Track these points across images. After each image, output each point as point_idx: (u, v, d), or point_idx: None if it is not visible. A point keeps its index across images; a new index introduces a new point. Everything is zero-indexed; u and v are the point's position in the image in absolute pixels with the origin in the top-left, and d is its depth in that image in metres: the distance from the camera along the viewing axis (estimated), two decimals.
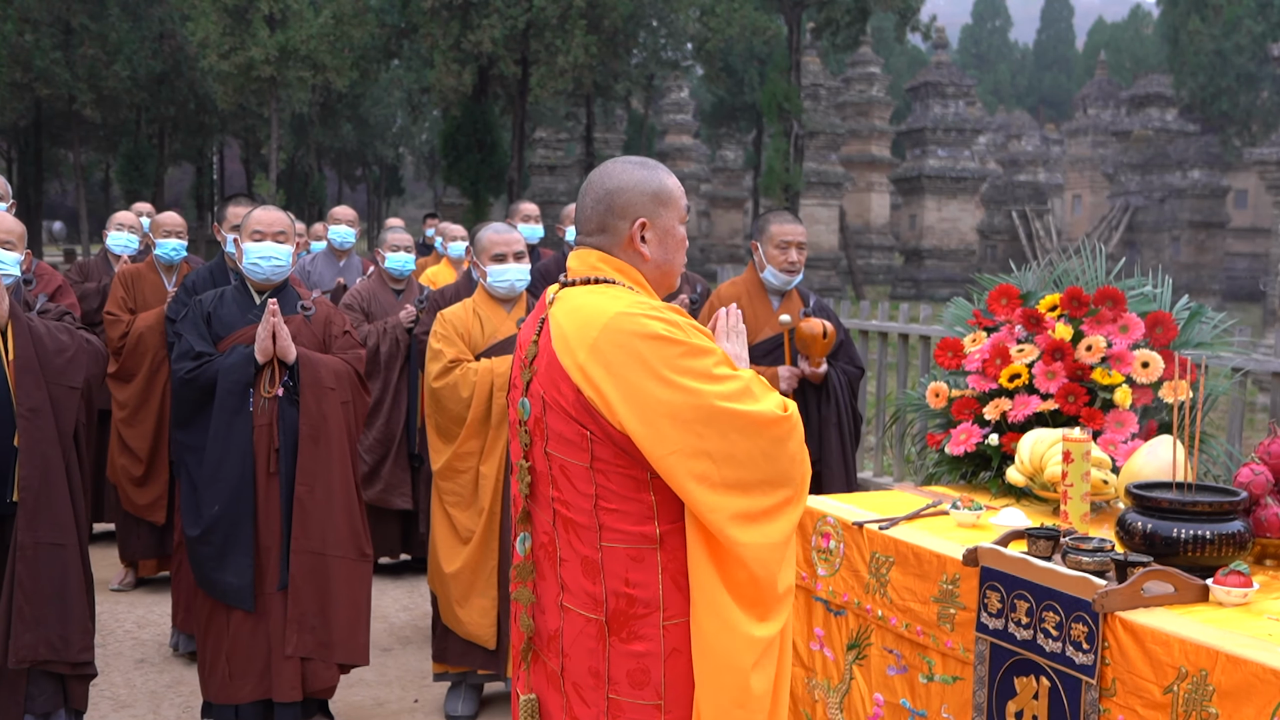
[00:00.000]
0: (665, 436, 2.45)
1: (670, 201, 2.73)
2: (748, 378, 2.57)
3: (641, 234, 2.68)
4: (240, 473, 4.44)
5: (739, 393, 2.52)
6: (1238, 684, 2.62)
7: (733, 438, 2.49)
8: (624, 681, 2.55)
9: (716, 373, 2.52)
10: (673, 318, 2.55)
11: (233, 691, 4.49)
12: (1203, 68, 29.00)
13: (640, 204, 2.69)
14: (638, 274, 2.70)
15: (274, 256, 4.58)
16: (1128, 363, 4.23)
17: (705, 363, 2.51)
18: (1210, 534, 3.15)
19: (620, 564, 2.54)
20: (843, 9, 28.25)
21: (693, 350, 2.50)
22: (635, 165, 2.75)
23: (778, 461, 2.55)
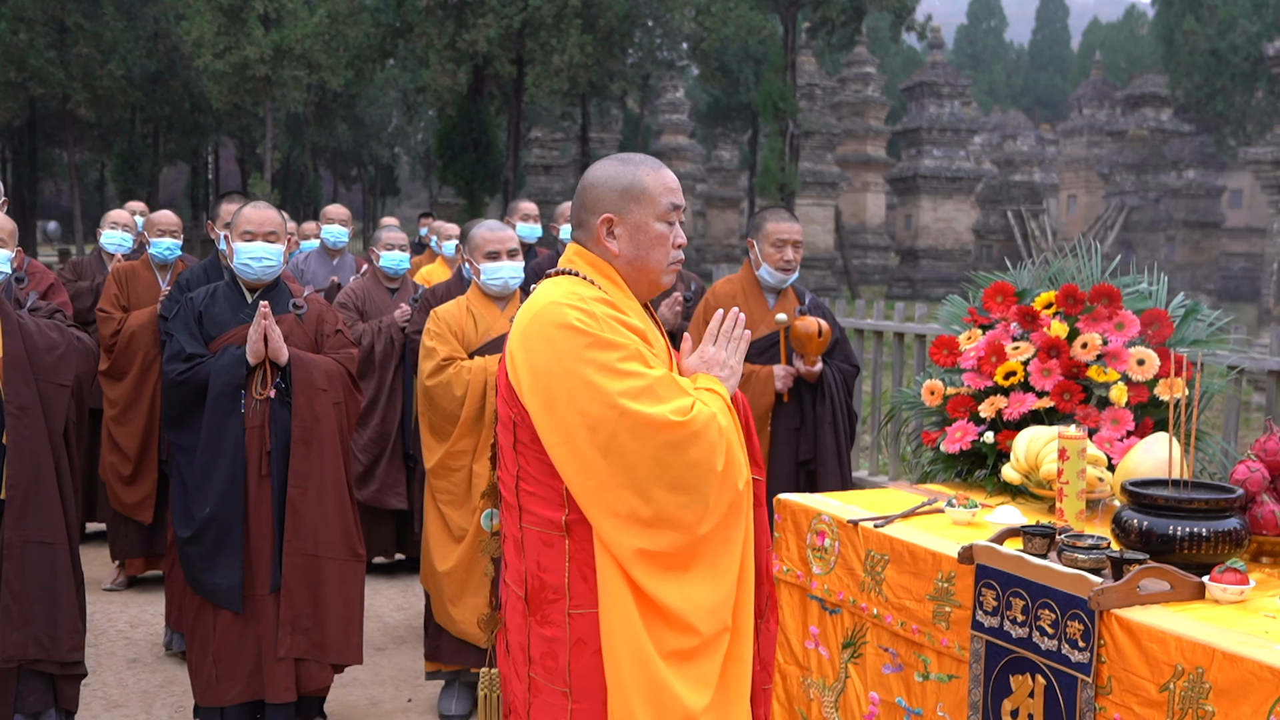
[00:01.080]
0: (560, 425, 2.51)
1: (643, 197, 2.70)
2: (654, 377, 2.53)
3: (609, 229, 2.70)
4: (231, 474, 4.42)
5: (639, 391, 2.50)
6: (1234, 682, 2.61)
7: (622, 437, 2.49)
8: (540, 662, 2.63)
9: (620, 368, 2.51)
10: (593, 309, 2.57)
11: (219, 693, 4.46)
12: (1198, 68, 29.03)
13: (608, 200, 2.71)
14: (610, 269, 2.72)
15: (265, 257, 4.55)
16: (1123, 360, 4.22)
17: (609, 356, 2.52)
18: (1206, 531, 3.14)
19: (535, 546, 2.62)
20: (838, 8, 28.25)
21: (600, 343, 2.52)
22: (614, 161, 2.76)
23: (672, 468, 2.50)
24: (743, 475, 2.63)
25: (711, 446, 2.54)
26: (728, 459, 2.58)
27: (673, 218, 2.74)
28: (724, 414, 2.63)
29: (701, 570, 2.58)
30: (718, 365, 2.72)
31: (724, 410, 2.64)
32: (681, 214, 2.78)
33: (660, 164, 2.78)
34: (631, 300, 2.74)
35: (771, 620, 2.95)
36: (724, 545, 2.62)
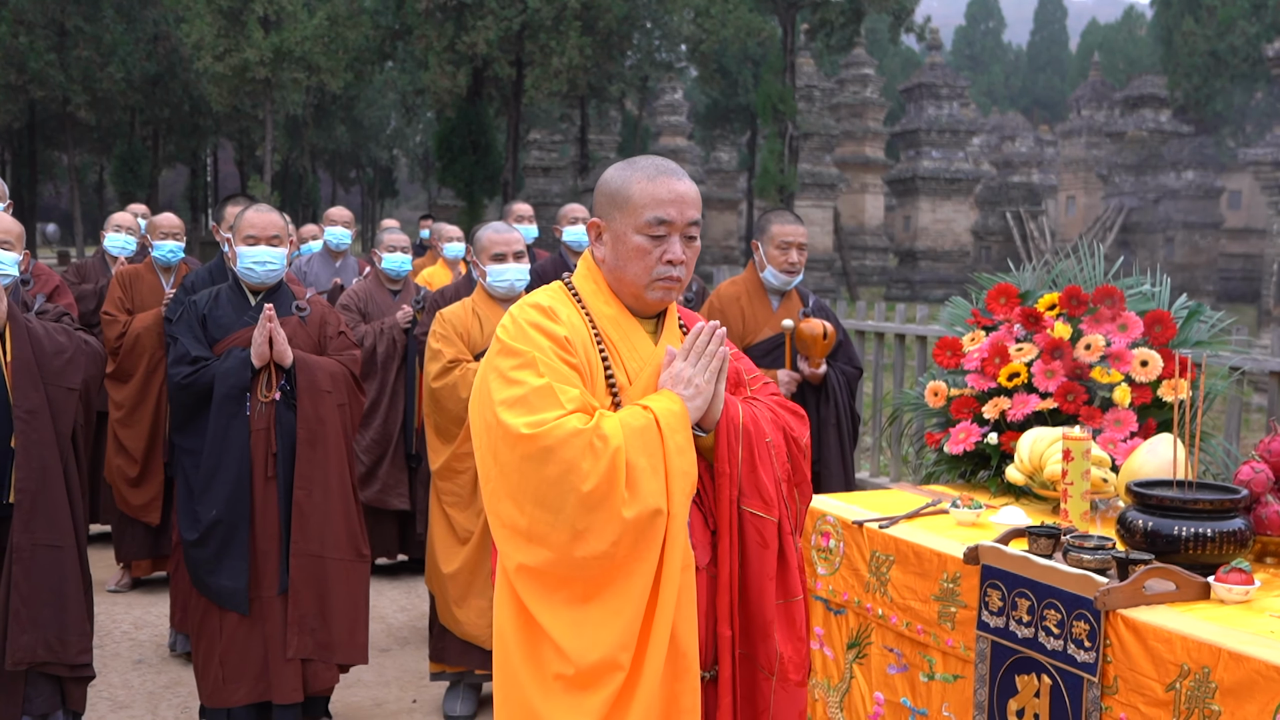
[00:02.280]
0: (474, 429, 2.57)
1: (626, 206, 2.59)
2: (532, 386, 2.45)
3: (597, 234, 2.66)
4: (237, 477, 4.44)
5: (513, 400, 2.46)
6: (1240, 681, 2.62)
7: (498, 445, 2.46)
8: None
9: (509, 375, 2.49)
10: (522, 315, 2.56)
11: (226, 695, 4.48)
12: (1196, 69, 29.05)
13: (599, 203, 2.67)
14: (598, 274, 2.67)
15: (268, 260, 4.57)
16: (1127, 361, 4.23)
17: (506, 363, 2.50)
18: (1211, 532, 3.15)
19: None
20: (837, 10, 28.28)
21: (504, 350, 2.53)
22: (620, 165, 2.70)
23: (530, 481, 2.41)
24: (643, 504, 2.39)
25: (569, 465, 2.37)
26: (607, 482, 2.37)
27: (658, 231, 2.57)
28: (621, 434, 2.42)
29: (579, 595, 2.44)
30: (682, 383, 2.53)
31: (631, 430, 2.43)
32: (679, 228, 2.59)
33: (667, 173, 2.62)
34: (613, 308, 2.65)
35: (791, 683, 2.67)
36: (615, 575, 2.42)
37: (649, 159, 2.68)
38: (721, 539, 2.58)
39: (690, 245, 2.63)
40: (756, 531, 2.58)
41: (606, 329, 2.63)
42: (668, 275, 2.60)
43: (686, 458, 2.49)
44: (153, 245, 6.65)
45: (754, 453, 2.60)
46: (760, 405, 2.72)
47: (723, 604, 2.59)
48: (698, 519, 2.59)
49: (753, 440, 2.60)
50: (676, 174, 2.63)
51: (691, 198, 2.62)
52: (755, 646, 2.61)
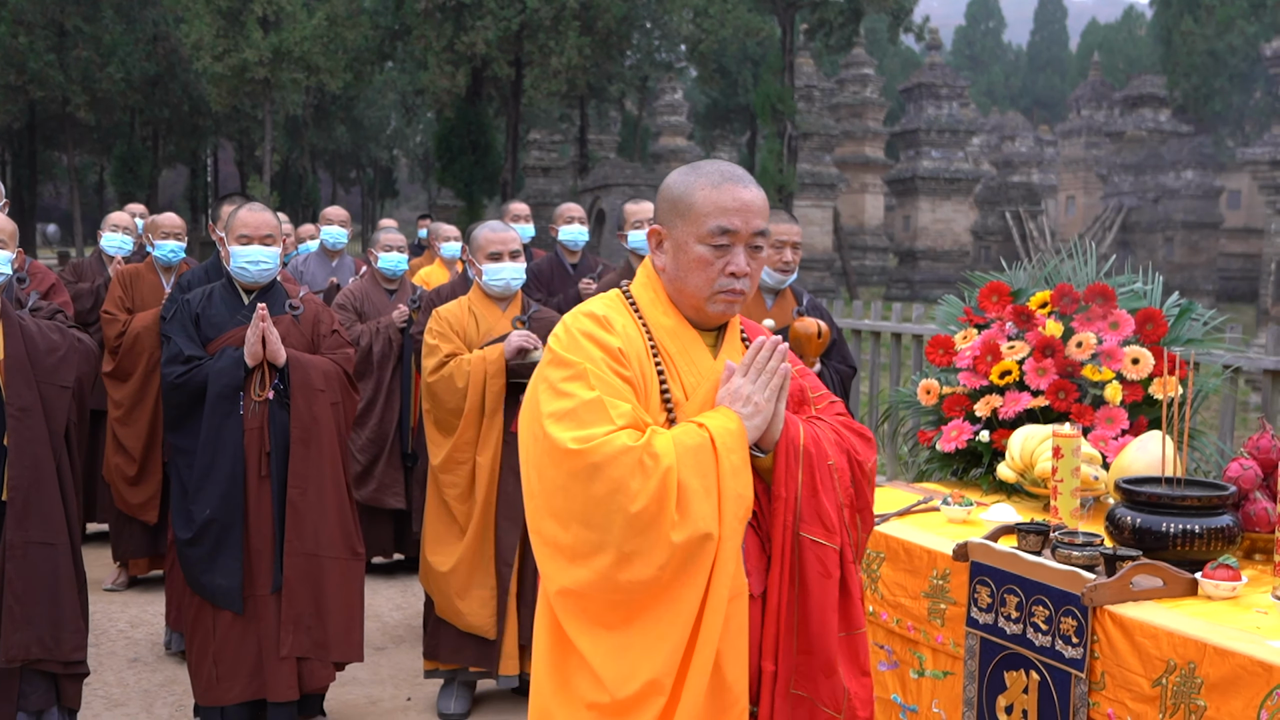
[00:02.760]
0: (521, 440, 2.48)
1: (689, 214, 2.46)
2: (583, 399, 2.34)
3: (658, 242, 2.54)
4: (231, 476, 4.45)
5: (562, 413, 2.35)
6: (1225, 676, 2.63)
7: (543, 459, 2.36)
8: None
9: (559, 387, 2.38)
10: (575, 324, 2.47)
11: (220, 693, 4.49)
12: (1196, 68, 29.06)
13: (661, 210, 2.55)
14: (659, 282, 2.56)
15: (262, 259, 4.58)
16: (1118, 359, 4.24)
17: (556, 374, 2.40)
18: (1199, 528, 3.17)
19: None
20: (835, 10, 28.29)
21: (555, 360, 2.43)
22: (684, 170, 2.56)
23: (576, 499, 2.30)
24: (693, 527, 2.27)
25: (617, 483, 2.26)
26: (656, 503, 2.26)
27: (721, 240, 2.43)
28: (673, 453, 2.30)
29: (620, 619, 2.33)
30: (740, 400, 2.40)
31: (684, 449, 2.31)
32: (744, 239, 2.44)
33: (733, 179, 2.48)
34: (672, 319, 2.52)
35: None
36: (658, 599, 2.31)
37: (715, 163, 2.54)
38: (774, 566, 2.44)
39: (756, 256, 2.48)
40: (817, 560, 2.43)
41: (664, 341, 2.50)
42: (730, 288, 2.45)
43: (742, 479, 2.36)
44: (153, 245, 6.66)
45: (815, 476, 2.45)
46: (824, 426, 2.57)
47: (769, 636, 2.44)
48: (754, 544, 2.45)
49: (814, 462, 2.46)
50: (743, 180, 2.49)
51: (758, 206, 2.47)
52: (818, 683, 2.45)
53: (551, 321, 5.10)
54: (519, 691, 5.18)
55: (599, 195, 28.74)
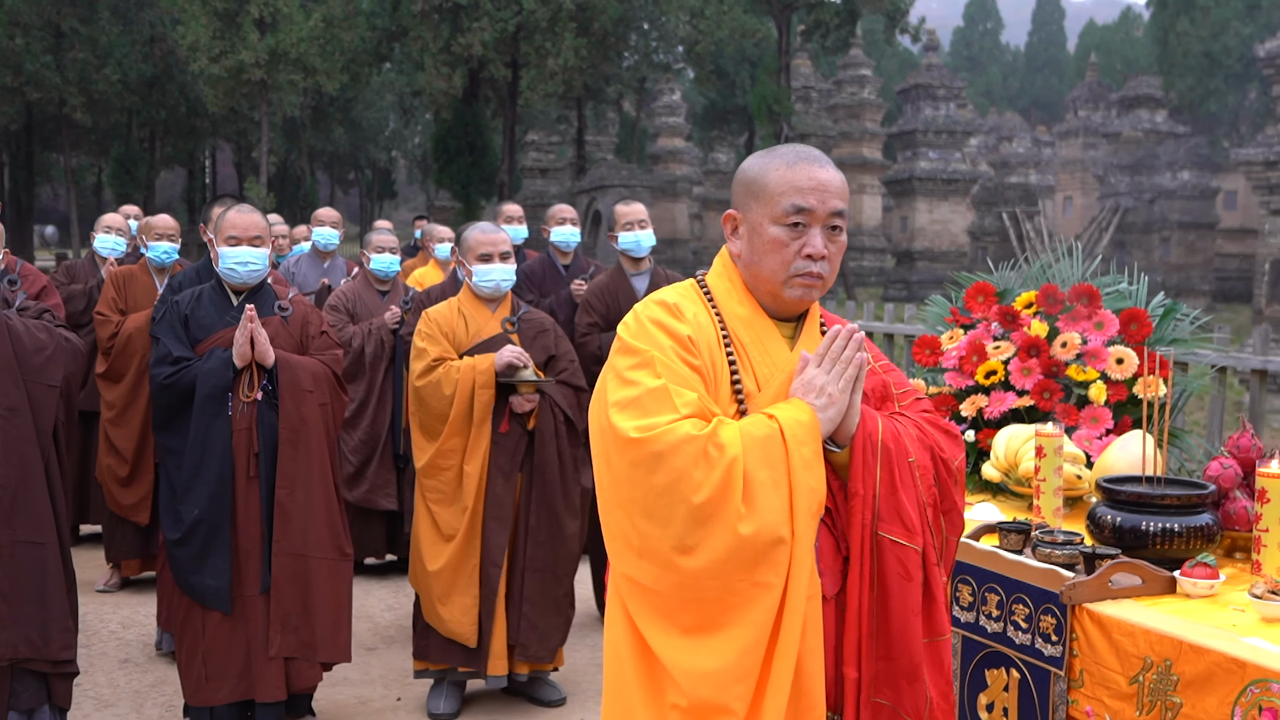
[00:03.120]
0: (591, 431, 2.40)
1: (763, 195, 2.38)
2: (649, 387, 2.26)
3: (733, 228, 2.47)
4: (219, 476, 4.46)
5: (627, 401, 2.27)
6: (1201, 673, 2.65)
7: (609, 449, 2.29)
8: None
9: (626, 376, 2.31)
10: (645, 313, 2.40)
11: (209, 693, 4.50)
12: (1191, 69, 29.10)
13: (736, 194, 2.47)
14: (734, 270, 2.48)
15: (250, 261, 4.59)
16: (1102, 359, 4.26)
17: (624, 362, 2.33)
18: (1179, 527, 3.18)
19: None
20: (832, 11, 28.32)
21: (623, 348, 2.36)
22: (761, 154, 2.48)
23: (639, 489, 2.21)
24: (761, 521, 2.17)
25: (680, 473, 2.18)
26: (720, 494, 2.17)
27: (796, 219, 2.34)
28: (739, 443, 2.21)
29: (694, 623, 2.23)
30: (814, 391, 2.30)
31: (752, 440, 2.22)
32: (820, 219, 2.36)
33: (809, 159, 2.39)
34: (746, 308, 2.44)
35: None
36: (732, 602, 2.20)
37: (791, 146, 2.45)
38: (853, 568, 2.33)
39: (834, 239, 2.39)
40: (898, 561, 2.32)
41: (737, 330, 2.42)
42: (807, 271, 2.36)
43: (814, 474, 2.25)
44: (146, 246, 6.67)
45: (894, 473, 2.34)
46: (906, 422, 2.46)
47: (850, 641, 2.35)
48: (828, 543, 2.35)
49: (893, 459, 2.35)
50: (819, 161, 2.40)
51: (835, 186, 2.38)
52: (900, 690, 2.34)
53: (541, 323, 5.12)
54: (508, 691, 5.19)
55: (595, 196, 28.77)
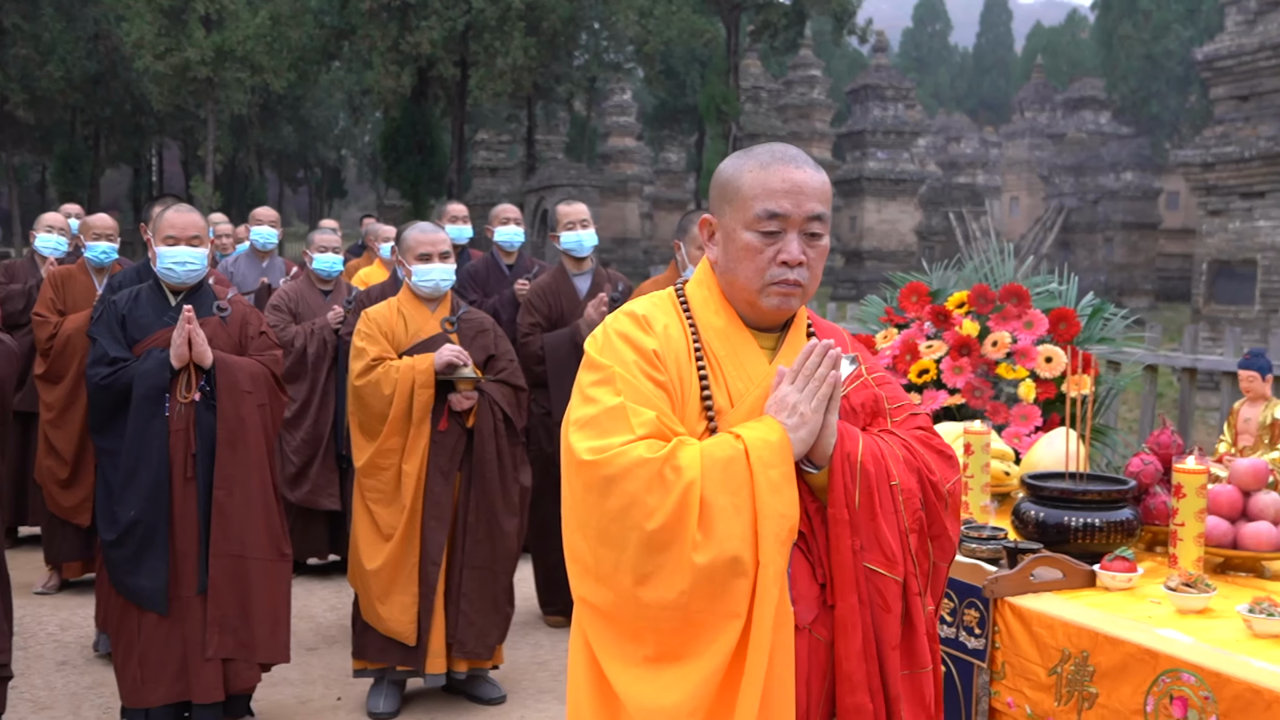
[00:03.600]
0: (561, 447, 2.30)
1: (735, 198, 2.26)
2: (607, 405, 2.17)
3: (710, 233, 2.36)
4: (156, 477, 4.44)
5: (585, 420, 2.19)
6: (1116, 664, 2.72)
7: (569, 471, 2.21)
8: None
9: (587, 392, 2.23)
10: (618, 324, 2.31)
11: (144, 694, 4.48)
12: (1134, 72, 29.48)
13: (712, 198, 2.37)
14: (712, 278, 2.37)
15: (189, 260, 4.58)
16: (1032, 358, 4.34)
17: (586, 378, 2.26)
18: (1100, 522, 3.26)
19: None
20: (780, 12, 28.46)
21: (588, 362, 2.28)
22: (737, 154, 2.36)
23: (592, 513, 2.15)
24: (719, 548, 2.08)
25: (633, 499, 2.09)
26: (676, 520, 2.08)
27: (769, 226, 2.22)
28: (698, 466, 2.11)
29: (653, 654, 2.15)
30: (785, 409, 2.18)
31: (713, 462, 2.13)
32: (796, 223, 2.23)
33: (783, 160, 2.27)
34: (723, 319, 2.32)
35: None
36: (690, 630, 2.11)
37: (768, 146, 2.33)
38: (843, 597, 2.19)
39: (813, 244, 2.26)
40: (877, 591, 2.19)
41: (712, 342, 2.29)
42: (783, 279, 2.24)
43: (783, 498, 2.13)
44: (86, 246, 6.63)
45: (874, 497, 2.21)
46: (893, 441, 2.31)
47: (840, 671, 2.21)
48: (803, 569, 2.20)
49: (872, 482, 2.21)
50: (795, 161, 2.27)
51: (812, 188, 2.25)
52: None
53: (480, 323, 5.14)
54: (448, 690, 5.20)
55: (544, 196, 28.76)
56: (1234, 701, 2.47)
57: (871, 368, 2.43)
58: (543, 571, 6.28)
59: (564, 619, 6.24)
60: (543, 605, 6.33)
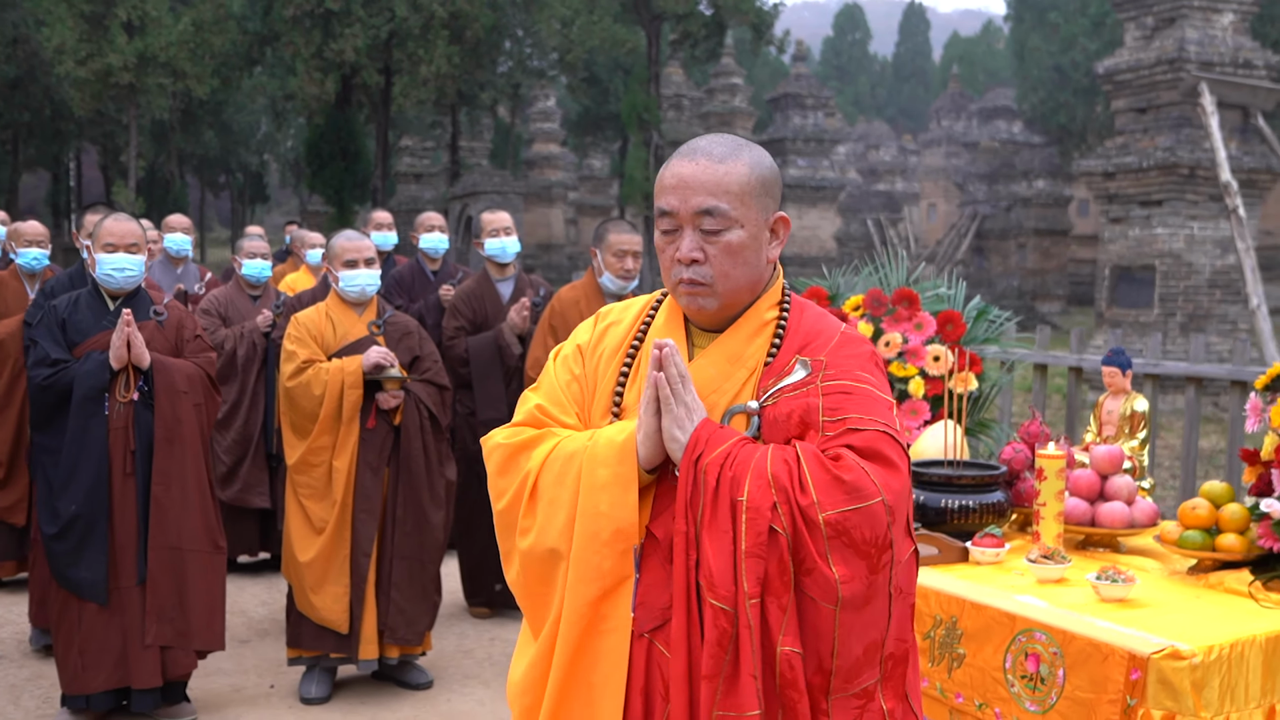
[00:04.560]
0: None
1: (656, 194, 2.19)
2: (541, 385, 2.32)
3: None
4: (96, 474, 4.68)
5: (524, 396, 2.36)
6: (980, 627, 3.05)
7: None
8: None
9: (546, 365, 2.39)
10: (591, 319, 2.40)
11: (85, 681, 4.72)
12: (1043, 83, 30.26)
13: None
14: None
15: (127, 267, 4.81)
16: (921, 357, 4.69)
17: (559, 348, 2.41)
18: (974, 504, 3.61)
19: None
20: (700, 23, 28.83)
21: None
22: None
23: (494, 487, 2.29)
24: (538, 538, 2.16)
25: (491, 480, 2.26)
26: (512, 505, 2.21)
27: (665, 225, 2.16)
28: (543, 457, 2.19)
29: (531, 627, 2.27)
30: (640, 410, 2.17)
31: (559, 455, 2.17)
32: (686, 219, 2.14)
33: (686, 153, 2.17)
34: (665, 318, 2.29)
35: None
36: (533, 612, 2.23)
37: (695, 139, 2.21)
38: (676, 613, 2.05)
39: (712, 240, 2.13)
40: (707, 616, 1.99)
41: (648, 343, 2.26)
42: (681, 278, 2.15)
43: (608, 496, 2.09)
44: (16, 253, 6.77)
45: (706, 512, 2.02)
46: (785, 454, 2.04)
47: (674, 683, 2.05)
48: (659, 577, 2.10)
49: (711, 494, 2.02)
50: (694, 153, 2.16)
51: (701, 181, 2.12)
52: None
53: (405, 326, 5.40)
54: (378, 676, 5.45)
55: (468, 203, 28.90)
56: (1077, 655, 2.81)
57: (839, 373, 2.13)
58: (467, 566, 6.54)
59: (488, 610, 6.51)
60: (468, 597, 6.59)
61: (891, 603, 2.02)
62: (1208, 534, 3.32)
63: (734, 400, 2.16)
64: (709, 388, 2.17)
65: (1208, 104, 13.58)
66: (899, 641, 2.06)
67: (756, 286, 2.20)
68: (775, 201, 2.21)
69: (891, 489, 2.00)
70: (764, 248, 2.19)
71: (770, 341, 2.19)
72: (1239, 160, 14.58)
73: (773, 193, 2.20)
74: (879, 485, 1.98)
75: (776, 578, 1.97)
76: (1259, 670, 2.81)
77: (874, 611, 2.00)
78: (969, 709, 3.07)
